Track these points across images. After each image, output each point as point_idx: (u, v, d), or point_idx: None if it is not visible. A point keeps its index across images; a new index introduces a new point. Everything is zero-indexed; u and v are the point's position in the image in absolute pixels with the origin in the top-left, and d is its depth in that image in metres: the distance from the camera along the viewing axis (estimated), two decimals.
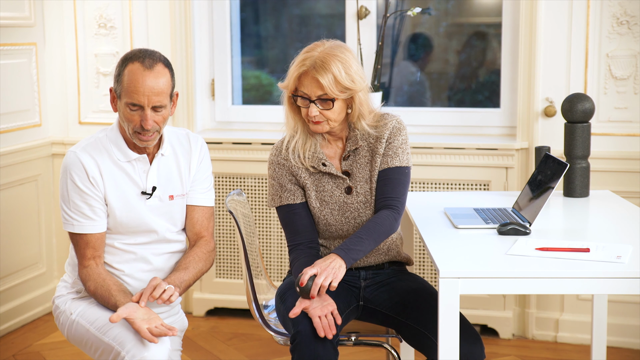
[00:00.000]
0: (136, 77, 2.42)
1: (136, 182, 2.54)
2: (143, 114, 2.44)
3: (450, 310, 2.20)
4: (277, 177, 2.64)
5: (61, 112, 4.28)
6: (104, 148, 2.52)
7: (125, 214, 2.54)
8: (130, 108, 2.44)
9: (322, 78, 2.46)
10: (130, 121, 2.45)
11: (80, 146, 2.53)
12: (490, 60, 4.19)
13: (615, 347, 3.74)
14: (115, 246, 2.57)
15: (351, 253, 2.45)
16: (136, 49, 2.50)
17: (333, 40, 2.56)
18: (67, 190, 2.50)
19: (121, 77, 2.44)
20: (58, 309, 2.62)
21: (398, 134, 2.60)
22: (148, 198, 2.55)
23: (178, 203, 2.62)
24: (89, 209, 2.50)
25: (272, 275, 4.13)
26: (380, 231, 2.52)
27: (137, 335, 2.35)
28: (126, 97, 2.43)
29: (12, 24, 4.00)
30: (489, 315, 3.92)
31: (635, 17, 3.62)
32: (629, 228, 2.63)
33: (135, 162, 2.54)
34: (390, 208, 2.56)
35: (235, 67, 4.30)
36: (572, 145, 3.11)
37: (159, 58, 2.47)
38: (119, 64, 2.47)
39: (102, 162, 2.51)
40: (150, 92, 2.42)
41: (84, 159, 2.49)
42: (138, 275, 2.58)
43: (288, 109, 2.60)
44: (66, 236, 4.31)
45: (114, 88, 2.49)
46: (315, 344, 2.38)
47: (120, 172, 2.53)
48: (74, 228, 2.51)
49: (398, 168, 2.58)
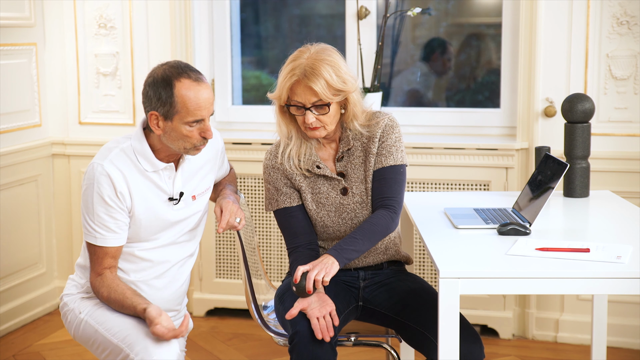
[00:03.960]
0: (194, 94, 2.38)
1: (163, 189, 2.52)
2: (204, 126, 2.43)
3: (450, 310, 2.20)
4: (273, 181, 2.64)
5: (61, 112, 4.28)
6: (129, 159, 2.47)
7: (151, 222, 2.52)
8: (190, 125, 2.41)
9: (315, 85, 2.46)
10: (188, 138, 2.42)
11: (107, 158, 2.46)
12: (490, 60, 4.19)
13: (615, 348, 3.74)
14: (136, 254, 2.55)
15: (344, 252, 2.46)
16: (165, 66, 2.43)
17: (317, 43, 2.56)
18: (93, 203, 2.44)
19: (173, 99, 2.38)
20: (66, 306, 2.60)
21: (391, 132, 2.60)
22: (176, 203, 2.55)
23: (200, 201, 2.63)
24: (113, 223, 2.46)
25: (271, 275, 4.13)
26: (376, 231, 2.52)
27: (146, 338, 2.34)
28: (187, 116, 2.39)
29: (12, 24, 4.00)
30: (489, 316, 3.91)
31: (635, 17, 3.62)
32: (629, 228, 2.63)
33: (162, 171, 2.52)
34: (387, 208, 2.56)
35: (236, 67, 4.30)
36: (572, 145, 3.11)
37: (192, 67, 2.44)
38: (158, 86, 2.39)
39: (129, 175, 2.46)
40: (208, 104, 2.42)
41: (112, 172, 2.43)
42: (153, 282, 2.57)
43: (280, 117, 2.60)
44: (66, 236, 4.32)
45: (159, 111, 2.40)
46: (314, 344, 2.38)
47: (147, 182, 2.49)
48: (96, 240, 2.46)
49: (393, 167, 2.59)
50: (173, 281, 2.63)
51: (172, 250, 2.60)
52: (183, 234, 2.61)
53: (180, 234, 2.60)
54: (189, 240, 2.65)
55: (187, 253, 2.65)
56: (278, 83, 2.55)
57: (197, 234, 2.68)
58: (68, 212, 4.32)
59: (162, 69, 2.43)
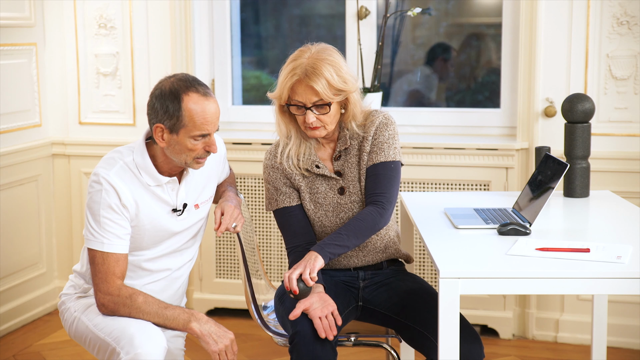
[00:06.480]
0: (202, 109, 2.38)
1: (166, 201, 2.52)
2: (209, 140, 2.43)
3: (450, 310, 2.20)
4: (272, 181, 2.65)
5: (61, 113, 4.28)
6: (132, 173, 2.47)
7: (155, 232, 2.52)
8: (195, 139, 2.40)
9: (316, 84, 2.47)
10: (192, 151, 2.42)
11: (112, 169, 2.45)
12: (490, 60, 4.19)
13: (616, 348, 3.74)
14: (137, 264, 2.54)
15: (328, 247, 2.46)
16: (172, 78, 2.42)
17: (317, 43, 2.57)
18: (100, 210, 2.42)
19: (180, 113, 2.37)
20: (64, 305, 2.62)
21: (384, 129, 2.60)
22: (179, 214, 2.55)
23: (203, 209, 2.63)
24: (121, 230, 2.45)
25: (271, 276, 4.13)
26: (362, 227, 2.52)
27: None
28: (193, 130, 2.39)
29: (12, 24, 4.00)
30: (489, 316, 3.91)
31: (636, 17, 3.62)
32: (629, 228, 2.63)
33: (166, 185, 2.51)
34: (375, 204, 2.56)
35: (236, 68, 4.30)
36: (572, 145, 3.11)
37: (200, 80, 2.44)
38: (165, 98, 2.39)
39: (134, 188, 2.46)
40: (215, 118, 2.42)
41: (117, 184, 2.43)
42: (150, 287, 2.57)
43: (280, 117, 2.60)
44: (66, 236, 4.32)
45: (165, 124, 2.39)
46: (314, 344, 2.38)
47: (150, 195, 2.49)
48: (103, 246, 2.42)
49: (383, 163, 2.58)
50: (171, 285, 2.64)
51: (173, 259, 2.61)
52: (185, 241, 2.62)
53: (182, 242, 2.61)
54: (190, 247, 2.65)
55: (187, 259, 2.66)
56: (279, 82, 2.54)
57: (197, 240, 2.68)
58: (68, 212, 4.32)
59: (169, 81, 2.42)
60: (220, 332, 2.39)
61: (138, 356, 2.31)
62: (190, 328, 2.38)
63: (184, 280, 2.69)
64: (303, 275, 2.40)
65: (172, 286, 2.64)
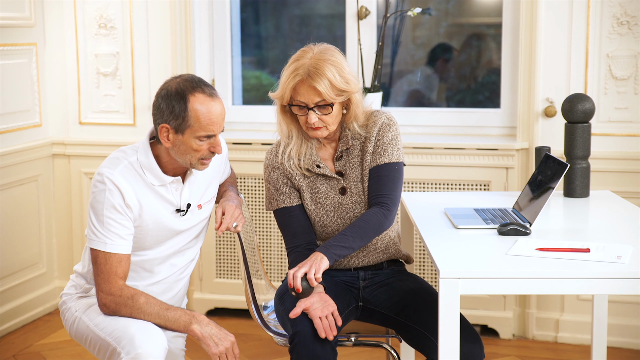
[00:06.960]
0: (208, 109, 2.38)
1: (170, 201, 2.52)
2: (214, 141, 2.43)
3: (450, 310, 2.20)
4: (273, 181, 2.65)
5: (61, 113, 4.28)
6: (136, 173, 2.46)
7: (159, 232, 2.52)
8: (201, 139, 2.41)
9: (318, 84, 2.46)
10: (197, 151, 2.42)
11: (116, 169, 2.44)
12: (491, 60, 4.19)
13: (616, 348, 3.74)
14: (140, 265, 2.54)
15: (333, 249, 2.46)
16: (178, 79, 2.42)
17: (319, 44, 2.56)
18: (103, 210, 2.42)
19: (186, 113, 2.37)
20: (65, 304, 2.62)
21: (387, 130, 2.60)
22: (183, 214, 2.55)
23: (206, 209, 2.63)
24: (124, 230, 2.45)
25: (271, 276, 4.13)
26: (367, 228, 2.52)
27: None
28: (199, 130, 2.39)
29: (12, 24, 4.00)
30: (489, 316, 3.91)
31: (636, 17, 3.62)
32: (629, 228, 2.63)
33: (170, 184, 2.51)
34: (380, 205, 2.56)
35: (236, 68, 4.30)
36: (572, 145, 3.11)
37: (205, 81, 2.44)
38: (171, 99, 2.39)
39: (138, 188, 2.46)
40: (221, 119, 2.42)
41: (120, 184, 2.42)
42: (151, 288, 2.57)
43: (281, 117, 2.60)
44: (66, 236, 4.32)
45: (171, 124, 2.39)
46: (314, 344, 2.38)
47: (155, 195, 2.49)
48: (105, 246, 2.42)
49: (387, 165, 2.59)
50: (173, 286, 2.64)
51: (175, 259, 2.61)
52: (188, 241, 2.62)
53: (185, 242, 2.61)
54: (192, 247, 2.66)
55: (189, 259, 2.66)
56: (281, 83, 2.54)
57: (200, 240, 2.68)
58: (68, 212, 4.32)
59: (175, 82, 2.42)
60: (221, 335, 2.39)
61: (139, 356, 2.31)
62: (191, 330, 2.38)
63: (186, 281, 2.69)
64: (308, 275, 2.40)
65: (174, 287, 2.64)
